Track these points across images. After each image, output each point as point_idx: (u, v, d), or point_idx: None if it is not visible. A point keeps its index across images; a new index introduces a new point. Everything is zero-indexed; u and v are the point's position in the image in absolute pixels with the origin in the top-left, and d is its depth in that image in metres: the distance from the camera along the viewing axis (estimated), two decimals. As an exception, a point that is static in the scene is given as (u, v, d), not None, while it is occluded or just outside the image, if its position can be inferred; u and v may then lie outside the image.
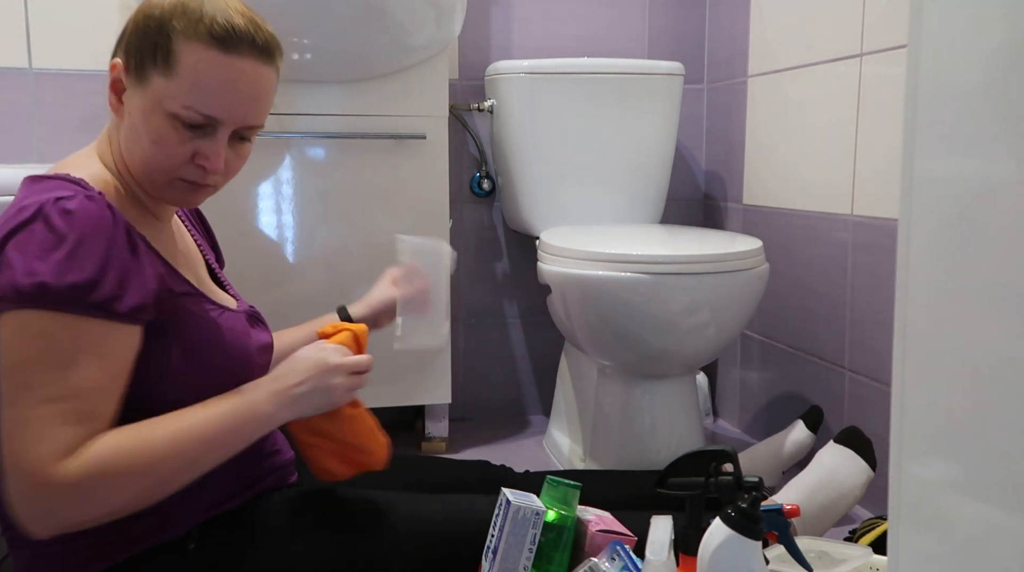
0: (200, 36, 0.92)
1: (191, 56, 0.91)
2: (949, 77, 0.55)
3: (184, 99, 0.91)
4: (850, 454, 1.43)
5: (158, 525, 0.95)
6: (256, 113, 0.96)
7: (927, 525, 0.58)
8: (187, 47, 0.91)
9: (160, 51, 0.92)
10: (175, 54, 0.91)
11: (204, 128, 0.93)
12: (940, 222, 0.56)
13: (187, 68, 0.91)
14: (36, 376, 0.83)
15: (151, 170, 0.94)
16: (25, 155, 1.84)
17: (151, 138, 0.92)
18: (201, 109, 0.92)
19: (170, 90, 0.91)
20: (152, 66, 0.92)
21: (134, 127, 0.94)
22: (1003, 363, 0.51)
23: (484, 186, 2.10)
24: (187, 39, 0.92)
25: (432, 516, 1.07)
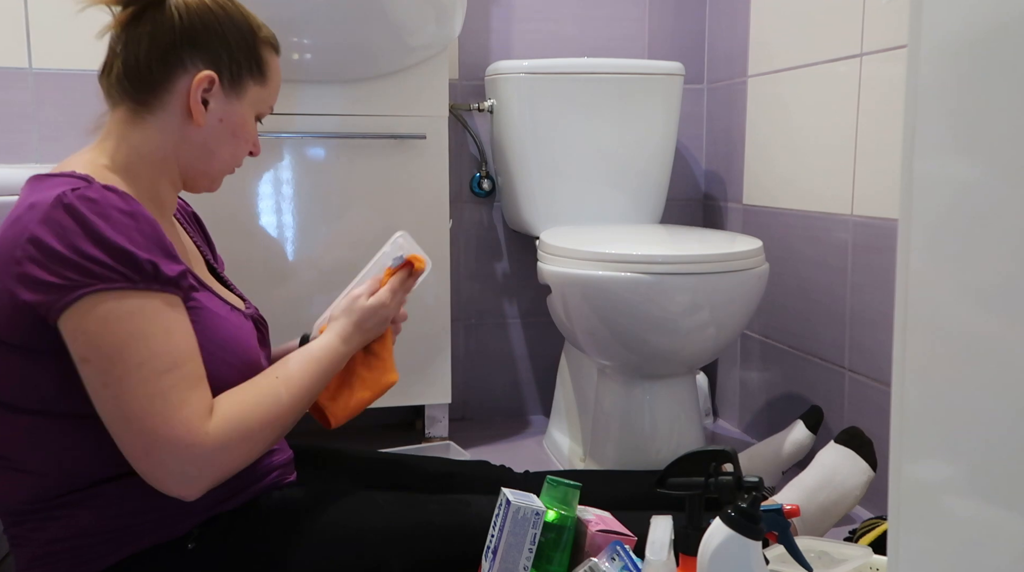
0: (272, 44, 1.06)
1: (272, 63, 1.06)
2: (949, 77, 0.55)
3: (271, 101, 1.07)
4: (851, 454, 1.43)
5: (158, 524, 0.95)
6: None
7: (927, 525, 0.58)
8: (271, 56, 1.06)
9: (254, 63, 1.03)
10: (265, 63, 1.05)
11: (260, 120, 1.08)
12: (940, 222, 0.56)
13: (274, 75, 1.06)
14: (143, 352, 0.86)
15: (229, 165, 1.06)
16: (25, 155, 1.84)
17: (239, 138, 1.04)
18: (272, 105, 1.09)
19: (263, 95, 1.05)
20: (249, 75, 1.03)
21: (217, 132, 1.02)
22: (1003, 363, 0.51)
23: (484, 186, 2.10)
24: (269, 50, 1.05)
25: (432, 516, 1.07)
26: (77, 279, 0.84)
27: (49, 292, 0.85)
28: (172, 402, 0.86)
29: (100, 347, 0.85)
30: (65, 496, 0.93)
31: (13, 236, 0.87)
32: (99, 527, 0.93)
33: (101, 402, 0.87)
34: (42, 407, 0.92)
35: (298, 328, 1.77)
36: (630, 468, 1.60)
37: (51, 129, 1.85)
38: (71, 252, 0.84)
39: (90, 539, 0.93)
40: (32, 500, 0.94)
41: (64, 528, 0.93)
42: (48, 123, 1.85)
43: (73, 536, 0.93)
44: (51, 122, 1.85)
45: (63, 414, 0.92)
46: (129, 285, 0.86)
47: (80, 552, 0.93)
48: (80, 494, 0.93)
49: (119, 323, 0.86)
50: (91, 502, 0.93)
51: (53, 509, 0.93)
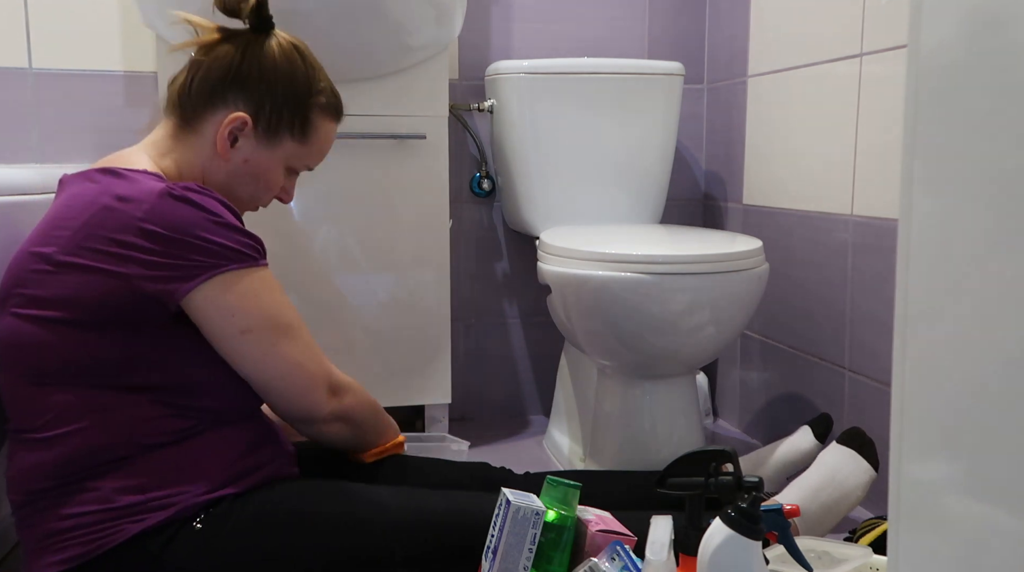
0: (330, 112, 1.14)
1: (323, 129, 1.14)
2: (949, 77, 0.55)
3: (310, 161, 1.15)
4: (852, 455, 1.42)
5: (168, 502, 0.97)
6: None
7: (927, 525, 0.58)
8: (321, 121, 1.13)
9: (299, 121, 1.11)
10: (312, 126, 1.12)
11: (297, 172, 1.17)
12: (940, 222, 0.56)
13: (319, 139, 1.14)
14: (289, 314, 1.04)
15: (248, 203, 1.15)
16: (25, 155, 1.84)
17: (262, 182, 1.13)
18: (312, 165, 1.16)
19: (299, 152, 1.13)
20: (288, 133, 1.11)
21: (241, 171, 1.10)
22: (1003, 363, 0.51)
23: (484, 186, 2.10)
24: (321, 114, 1.13)
25: (434, 508, 1.08)
26: (204, 261, 0.96)
27: (173, 277, 0.95)
28: (316, 349, 1.07)
29: (259, 317, 1.00)
30: (87, 471, 0.96)
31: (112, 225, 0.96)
32: (111, 504, 0.95)
33: (266, 363, 1.02)
34: (83, 381, 0.96)
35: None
36: (630, 468, 1.60)
37: (51, 129, 1.85)
38: (194, 238, 0.96)
39: (101, 515, 0.95)
40: (53, 476, 0.96)
41: (81, 503, 0.96)
42: (48, 123, 1.85)
43: (89, 512, 0.95)
44: (51, 122, 1.85)
45: (104, 387, 0.97)
46: (255, 262, 1.01)
47: (93, 529, 0.95)
48: (100, 469, 0.96)
49: (266, 294, 1.02)
50: (107, 479, 0.96)
51: (73, 484, 0.96)
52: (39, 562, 0.96)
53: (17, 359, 0.98)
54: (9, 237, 1.17)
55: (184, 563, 0.96)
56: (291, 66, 1.10)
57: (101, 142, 1.87)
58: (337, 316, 1.80)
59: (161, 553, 0.95)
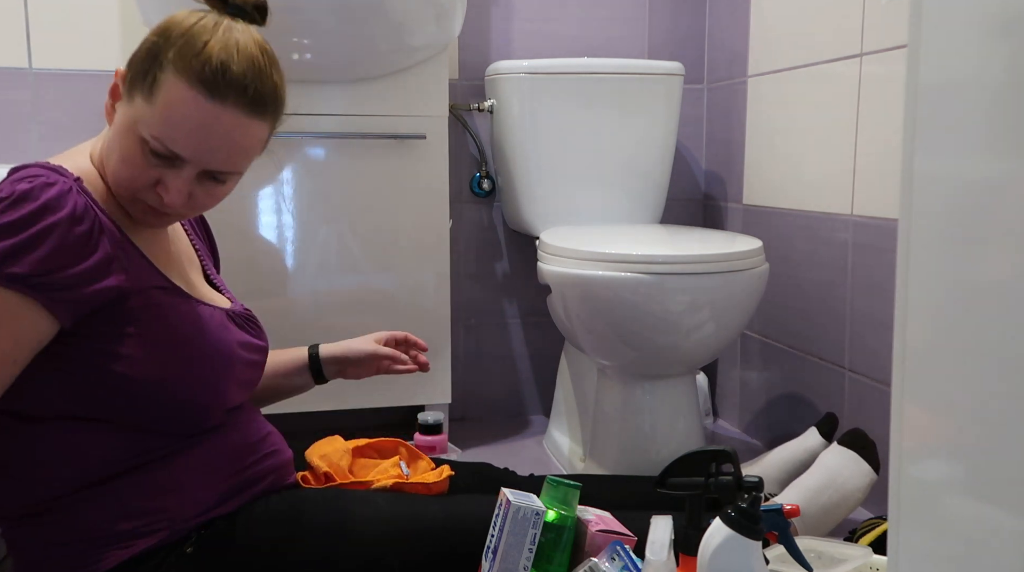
0: (189, 73, 0.89)
1: (173, 90, 0.90)
2: (949, 77, 0.55)
3: (154, 129, 0.90)
4: (853, 456, 1.42)
5: (156, 527, 0.95)
6: (228, 161, 0.94)
7: (927, 525, 0.58)
8: (173, 80, 0.90)
9: (150, 75, 0.90)
10: (159, 83, 0.90)
11: (171, 160, 0.91)
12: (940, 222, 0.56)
13: (165, 100, 0.90)
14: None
15: (117, 184, 0.95)
16: (25, 155, 1.84)
17: (121, 154, 0.92)
18: (167, 143, 0.90)
19: (146, 115, 0.90)
20: (140, 86, 0.91)
21: (113, 138, 0.94)
22: (1003, 363, 0.51)
23: (484, 186, 2.10)
24: (175, 72, 0.90)
25: (433, 515, 1.07)
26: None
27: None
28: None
29: None
30: (62, 499, 0.93)
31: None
32: (96, 531, 0.93)
33: None
34: (41, 410, 0.92)
35: (297, 327, 1.77)
36: (630, 468, 1.59)
37: (51, 129, 1.85)
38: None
39: (87, 543, 0.93)
40: (31, 505, 0.94)
41: (61, 531, 0.93)
42: (48, 123, 1.85)
43: (70, 540, 0.93)
44: (51, 122, 1.85)
45: (66, 417, 0.92)
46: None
47: (76, 556, 0.93)
48: (76, 496, 0.93)
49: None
50: (87, 505, 0.93)
51: (51, 513, 0.94)
52: None
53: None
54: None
55: None
56: (175, 20, 0.93)
57: (101, 142, 1.86)
58: (337, 316, 1.80)
59: None
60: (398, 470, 1.19)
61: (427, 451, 1.45)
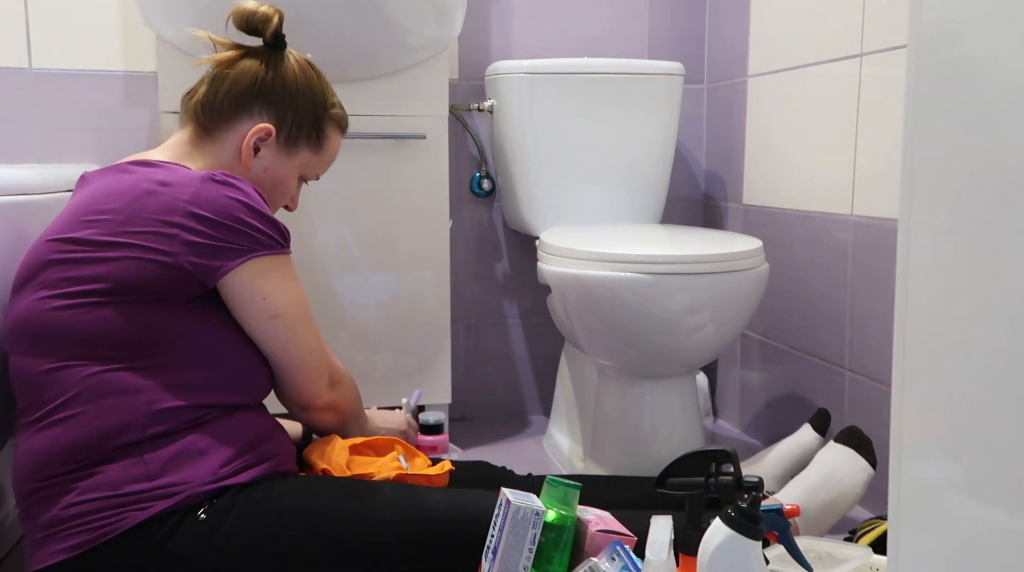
0: (340, 125, 1.23)
1: (333, 140, 1.23)
2: (949, 77, 0.55)
3: (319, 170, 1.24)
4: (850, 453, 1.43)
5: (174, 491, 0.98)
6: None
7: (927, 525, 0.58)
8: (332, 133, 1.22)
9: (315, 132, 1.19)
10: (326, 138, 1.21)
11: None
12: (940, 222, 0.56)
13: (329, 150, 1.23)
14: (306, 305, 1.12)
15: None
16: (25, 155, 1.84)
17: (280, 189, 1.20)
18: (320, 175, 1.26)
19: (313, 162, 1.22)
20: (305, 143, 1.19)
21: (262, 177, 1.17)
22: (1003, 363, 0.51)
23: (484, 186, 2.10)
24: (333, 126, 1.22)
25: (435, 503, 1.09)
26: (243, 245, 1.03)
27: (216, 255, 1.01)
28: (323, 340, 1.16)
29: (286, 303, 1.08)
30: (98, 455, 0.97)
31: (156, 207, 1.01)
32: (120, 491, 0.96)
33: (288, 347, 1.09)
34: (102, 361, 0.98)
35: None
36: (630, 468, 1.60)
37: (51, 129, 1.85)
38: (236, 222, 1.02)
39: (109, 502, 0.96)
40: (66, 460, 0.97)
41: (87, 491, 0.96)
42: (48, 123, 1.85)
43: (93, 500, 0.96)
44: (51, 122, 1.85)
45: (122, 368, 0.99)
46: (285, 249, 1.08)
47: (97, 517, 0.96)
48: (110, 454, 0.97)
49: (292, 282, 1.09)
50: (118, 463, 0.97)
51: (83, 469, 0.97)
52: (43, 551, 0.97)
53: (39, 340, 1.00)
54: (9, 236, 1.17)
55: (187, 553, 0.96)
56: (309, 81, 1.18)
57: (101, 142, 1.86)
58: (337, 316, 1.80)
59: (164, 542, 0.96)
60: (398, 463, 1.20)
61: (428, 451, 1.45)
